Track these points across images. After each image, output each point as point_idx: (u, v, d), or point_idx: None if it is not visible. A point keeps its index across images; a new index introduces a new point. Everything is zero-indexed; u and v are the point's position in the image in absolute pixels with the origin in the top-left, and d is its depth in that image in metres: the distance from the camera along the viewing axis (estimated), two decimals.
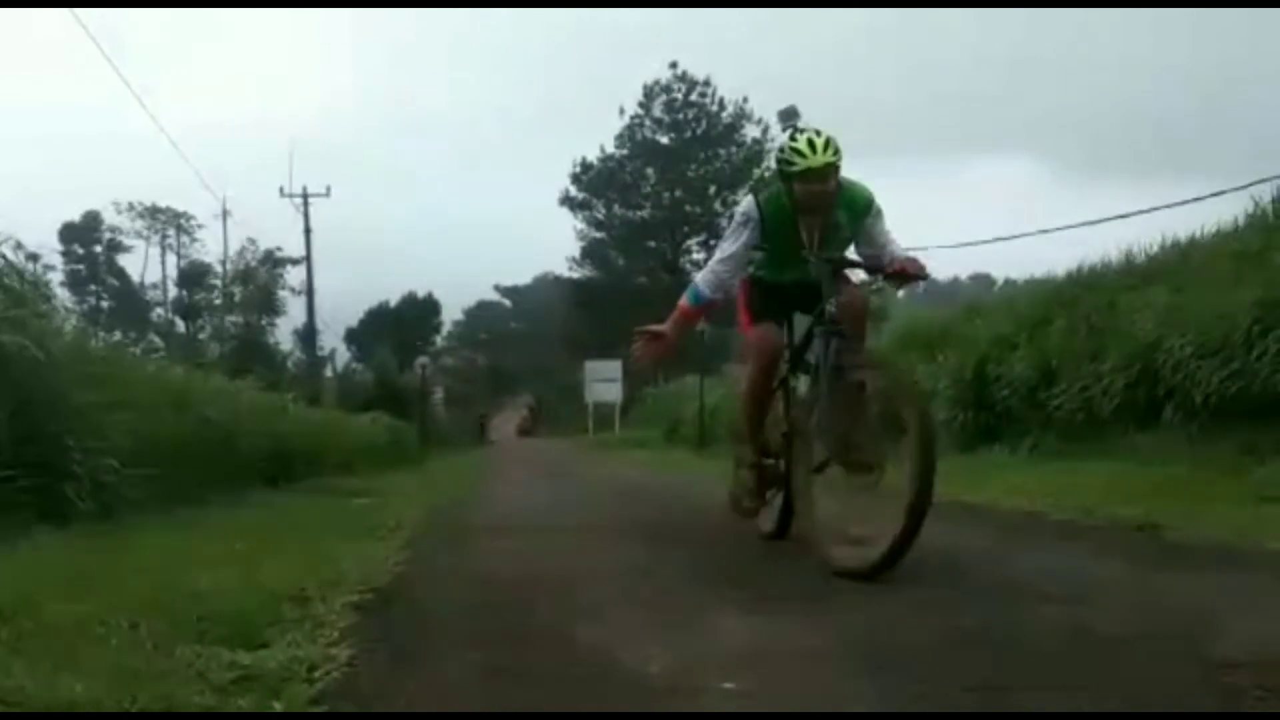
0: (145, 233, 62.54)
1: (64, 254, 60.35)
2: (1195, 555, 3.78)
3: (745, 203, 4.24)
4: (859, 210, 4.06)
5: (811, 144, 3.78)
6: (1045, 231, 11.16)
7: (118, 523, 5.51)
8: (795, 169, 3.80)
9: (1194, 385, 6.64)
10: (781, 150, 3.92)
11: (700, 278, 4.23)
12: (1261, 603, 2.86)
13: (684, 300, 4.22)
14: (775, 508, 4.34)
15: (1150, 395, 7.22)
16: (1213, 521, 4.33)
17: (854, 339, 3.88)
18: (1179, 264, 8.49)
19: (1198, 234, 9.07)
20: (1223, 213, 9.03)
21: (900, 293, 5.89)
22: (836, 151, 3.80)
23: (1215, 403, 6.47)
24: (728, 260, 4.17)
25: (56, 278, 57.61)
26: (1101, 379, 7.77)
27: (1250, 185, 8.14)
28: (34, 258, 6.01)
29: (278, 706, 2.05)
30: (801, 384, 4.21)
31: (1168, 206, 8.92)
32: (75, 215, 61.72)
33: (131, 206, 60.68)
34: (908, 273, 4.01)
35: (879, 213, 4.11)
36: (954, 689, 2.10)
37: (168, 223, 62.05)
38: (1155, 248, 9.49)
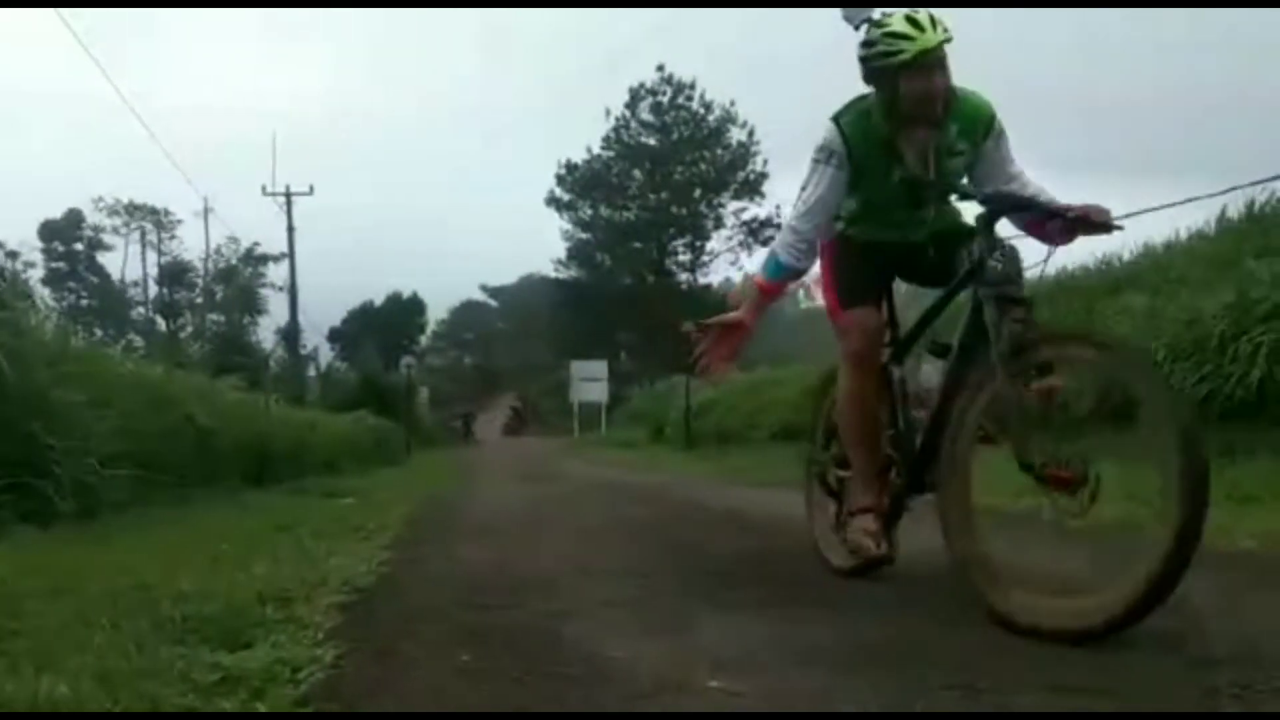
0: (123, 230, 62.25)
1: (45, 252, 60.08)
2: None
3: (824, 132, 3.17)
4: (979, 126, 3.13)
5: (914, 21, 2.89)
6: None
7: (99, 523, 5.49)
8: (900, 57, 2.89)
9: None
10: (869, 45, 2.99)
11: (778, 244, 3.27)
12: (1236, 601, 2.88)
13: (760, 275, 3.33)
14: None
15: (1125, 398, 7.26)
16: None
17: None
18: (1154, 270, 8.56)
19: (1171, 239, 9.24)
20: (1194, 219, 9.17)
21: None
22: (947, 30, 2.90)
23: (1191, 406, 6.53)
24: (811, 213, 3.20)
25: (37, 275, 57.48)
26: None
27: (1222, 193, 8.20)
28: (14, 255, 6.01)
29: (261, 708, 2.03)
30: (924, 373, 3.32)
31: (1141, 212, 9.05)
32: (56, 213, 61.38)
33: (105, 201, 60.46)
34: (1092, 220, 2.97)
35: (1003, 132, 3.16)
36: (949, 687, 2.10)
37: (146, 219, 61.79)
38: (1127, 254, 9.58)
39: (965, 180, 3.19)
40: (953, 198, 3.31)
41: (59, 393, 6.09)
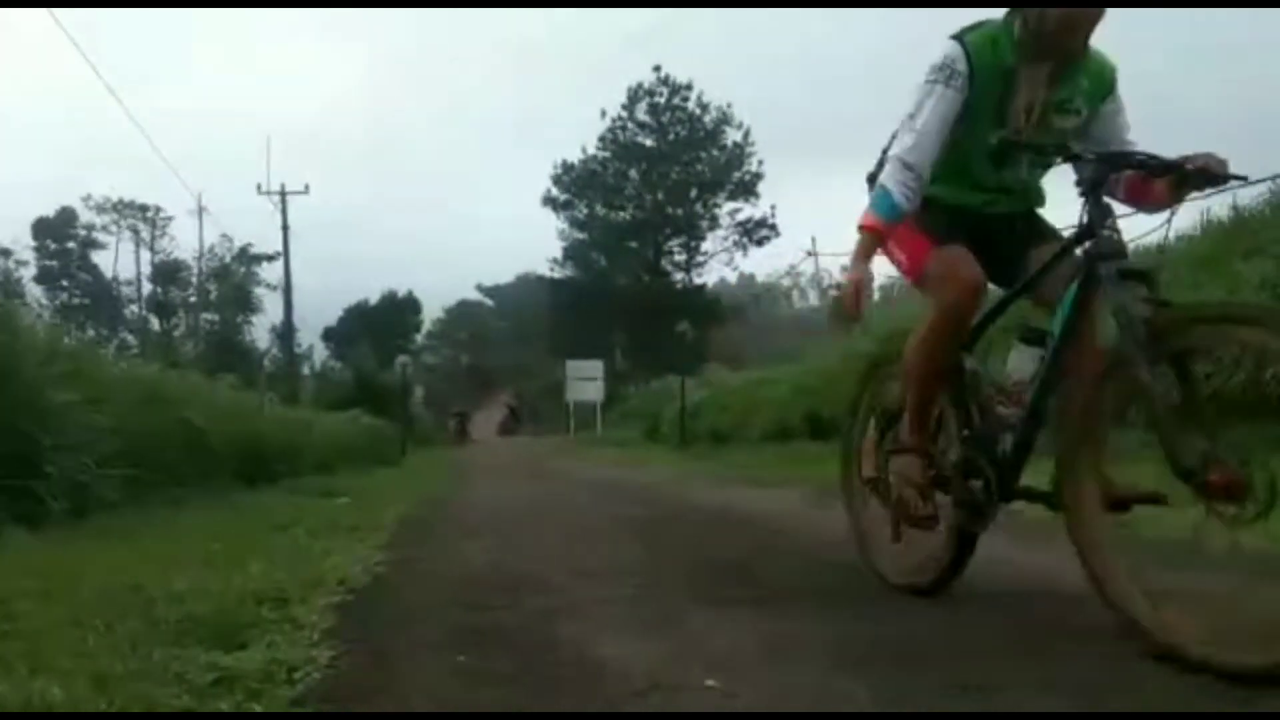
0: (114, 228, 62.17)
1: (37, 250, 59.96)
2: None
3: (943, 49, 2.74)
4: (1103, 86, 2.79)
5: None
6: None
7: (92, 523, 5.47)
8: None
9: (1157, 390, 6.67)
10: None
11: (890, 181, 2.73)
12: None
13: (872, 216, 2.77)
14: (930, 547, 3.00)
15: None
16: (1169, 522, 4.27)
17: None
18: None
19: (1161, 240, 9.18)
20: (1181, 221, 9.10)
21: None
22: None
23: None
24: (926, 143, 2.71)
25: (30, 273, 57.38)
26: None
27: (1209, 195, 8.18)
28: (6, 253, 5.97)
29: (257, 708, 2.04)
30: (1014, 362, 2.81)
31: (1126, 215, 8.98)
32: (49, 210, 61.30)
33: (94, 199, 60.41)
34: (1212, 171, 2.55)
35: (1119, 98, 2.82)
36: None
37: (137, 217, 61.74)
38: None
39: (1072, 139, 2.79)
40: (1053, 162, 2.83)
41: (52, 392, 6.07)
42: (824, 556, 4.05)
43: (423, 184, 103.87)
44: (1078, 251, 2.62)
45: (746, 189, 48.97)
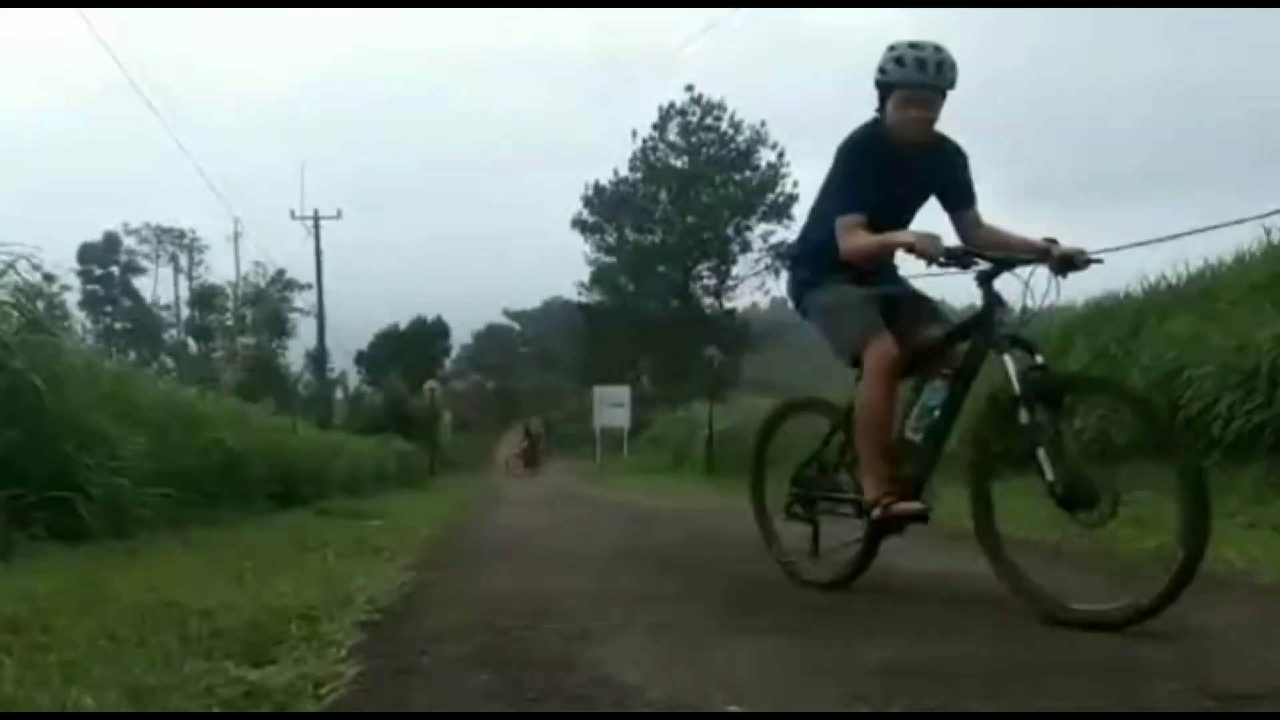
0: (153, 255, 63.29)
1: (81, 274, 60.92)
2: (1210, 587, 3.77)
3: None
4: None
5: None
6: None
7: (129, 541, 5.55)
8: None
9: (1214, 417, 6.55)
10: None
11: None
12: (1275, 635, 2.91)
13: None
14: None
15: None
16: (1230, 555, 4.23)
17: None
18: (1199, 294, 8.38)
19: (1215, 263, 8.95)
20: (1240, 240, 8.89)
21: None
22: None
23: (1236, 435, 6.38)
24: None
25: (74, 298, 58.20)
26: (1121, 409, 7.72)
27: (1268, 215, 8.03)
28: (50, 278, 6.08)
29: None
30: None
31: (1182, 234, 8.77)
32: (94, 236, 62.40)
33: (132, 226, 61.53)
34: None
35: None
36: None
37: (175, 244, 62.85)
38: (1175, 278, 9.29)
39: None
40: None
41: (92, 415, 6.18)
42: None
43: (452, 209, 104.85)
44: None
45: (780, 211, 48.09)
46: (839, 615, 3.33)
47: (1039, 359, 3.15)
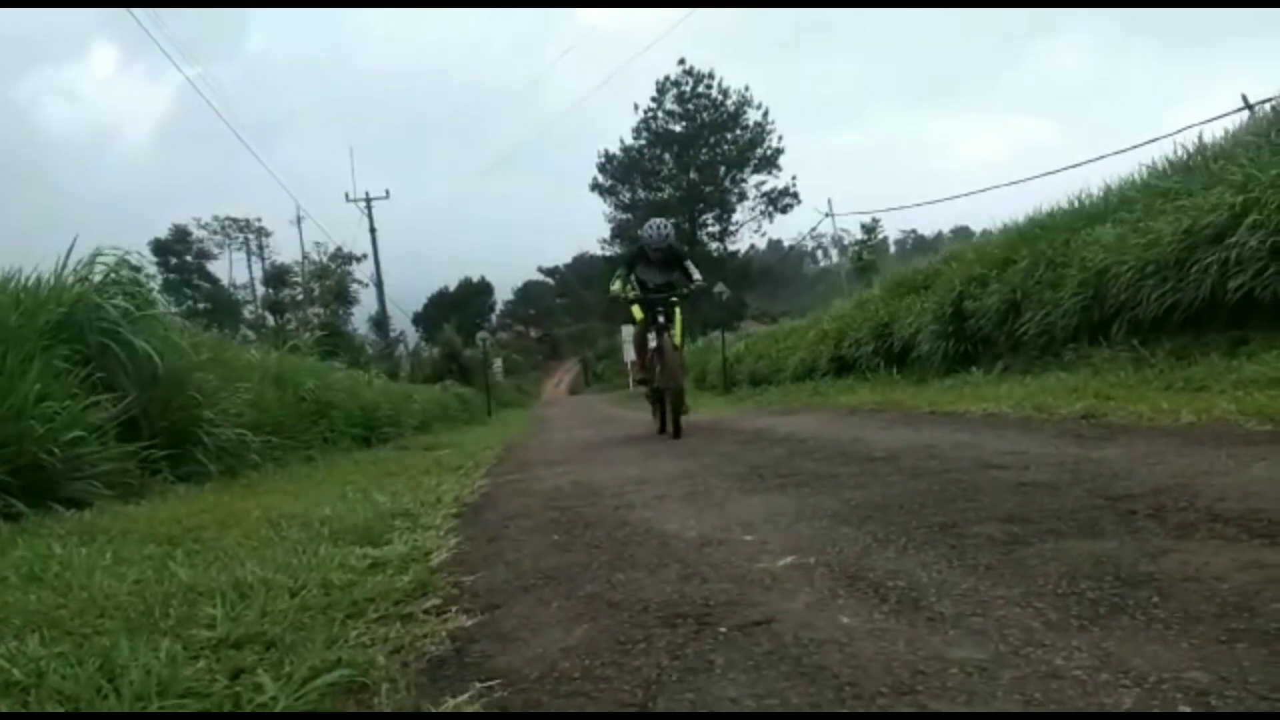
0: (225, 242, 63.86)
1: (159, 264, 61.40)
2: (1118, 432, 4.03)
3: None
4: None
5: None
6: (997, 186, 11.25)
7: (242, 480, 5.83)
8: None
9: (1136, 304, 6.84)
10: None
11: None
12: (1161, 459, 3.08)
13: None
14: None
15: (1101, 315, 7.39)
16: (1141, 409, 4.54)
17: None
18: (1118, 205, 8.57)
19: (1129, 177, 9.28)
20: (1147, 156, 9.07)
21: None
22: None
23: (1154, 317, 6.64)
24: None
25: (156, 284, 58.67)
26: (1060, 305, 7.94)
27: (1145, 144, 8.23)
28: (136, 269, 6.25)
29: (406, 579, 2.29)
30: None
31: (1080, 164, 8.91)
32: (163, 232, 62.92)
33: (202, 219, 61.96)
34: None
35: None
36: (923, 527, 2.35)
37: (244, 230, 63.35)
38: (1098, 192, 9.57)
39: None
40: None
41: (200, 375, 6.45)
42: (846, 449, 4.29)
43: (487, 179, 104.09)
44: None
45: (769, 162, 48.88)
46: (828, 476, 3.56)
47: None
